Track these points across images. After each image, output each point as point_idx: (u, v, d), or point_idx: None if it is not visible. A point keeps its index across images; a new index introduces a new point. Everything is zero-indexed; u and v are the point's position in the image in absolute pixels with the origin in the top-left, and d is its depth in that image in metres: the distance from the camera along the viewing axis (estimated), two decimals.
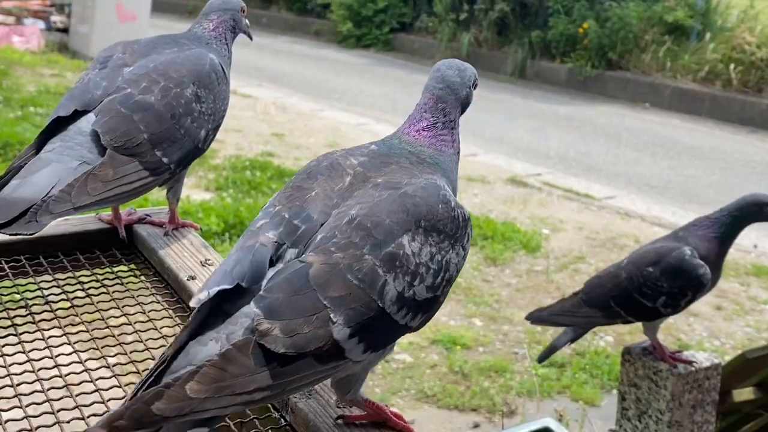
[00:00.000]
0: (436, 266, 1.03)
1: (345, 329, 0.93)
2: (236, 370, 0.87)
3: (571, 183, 6.84)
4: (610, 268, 2.45)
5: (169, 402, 0.82)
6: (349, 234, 0.98)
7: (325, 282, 0.94)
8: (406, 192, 1.04)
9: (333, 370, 0.96)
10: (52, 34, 10.97)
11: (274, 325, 0.90)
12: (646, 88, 10.95)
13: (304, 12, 16.33)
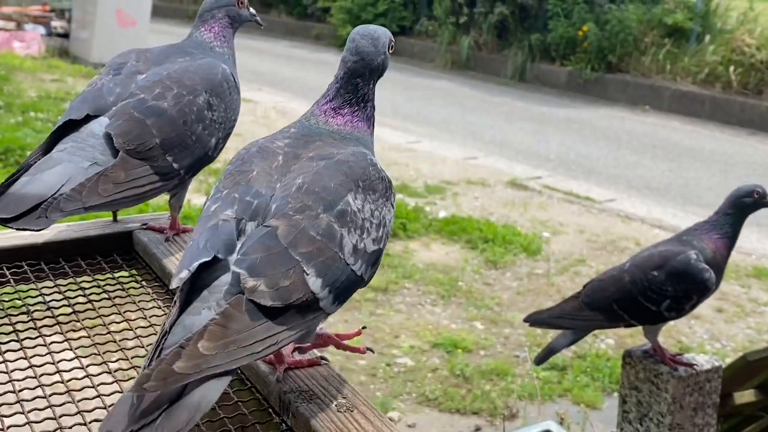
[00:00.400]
0: (376, 221, 1.13)
1: (318, 280, 1.02)
2: (236, 326, 0.95)
3: (572, 186, 6.85)
4: (612, 271, 2.42)
5: (187, 360, 0.90)
6: (301, 199, 1.07)
7: (294, 240, 1.03)
8: (339, 159, 1.14)
9: (312, 322, 1.05)
10: (52, 40, 10.99)
11: (259, 281, 0.98)
12: (645, 90, 10.96)
13: (304, 16, 16.35)
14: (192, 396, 0.91)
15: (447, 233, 5.35)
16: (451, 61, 13.06)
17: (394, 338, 4.01)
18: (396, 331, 4.08)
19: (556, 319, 2.44)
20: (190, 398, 0.90)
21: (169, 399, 0.90)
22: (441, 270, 4.81)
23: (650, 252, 2.36)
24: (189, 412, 0.90)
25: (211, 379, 0.92)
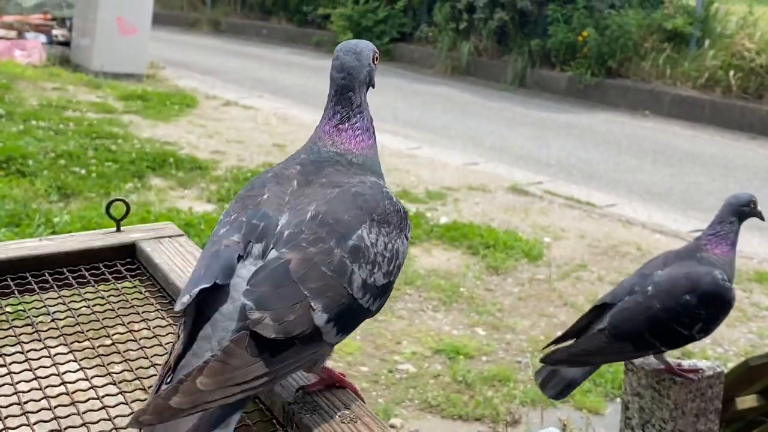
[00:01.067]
0: (389, 254, 1.15)
1: (323, 315, 1.03)
2: (236, 362, 0.96)
3: (572, 191, 6.85)
4: (636, 299, 2.26)
5: (183, 395, 0.92)
6: (315, 230, 1.08)
7: (304, 275, 1.04)
8: (356, 191, 1.15)
9: (314, 354, 1.07)
10: (53, 48, 11.01)
11: (265, 314, 0.99)
12: (646, 95, 10.98)
13: (304, 23, 16.38)
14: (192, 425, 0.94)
15: (448, 239, 5.36)
16: (451, 67, 13.08)
17: (395, 344, 4.02)
18: (398, 337, 4.09)
19: (582, 357, 2.30)
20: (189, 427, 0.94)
21: None
22: (442, 276, 4.81)
23: (673, 275, 2.25)
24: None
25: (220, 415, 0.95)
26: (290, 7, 16.70)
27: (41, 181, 5.50)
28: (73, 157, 6.13)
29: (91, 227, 4.56)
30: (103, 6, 10.16)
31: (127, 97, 9.06)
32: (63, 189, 5.46)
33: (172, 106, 8.86)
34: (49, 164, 5.89)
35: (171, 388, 0.92)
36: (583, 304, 4.57)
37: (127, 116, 8.16)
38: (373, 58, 1.29)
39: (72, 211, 5.03)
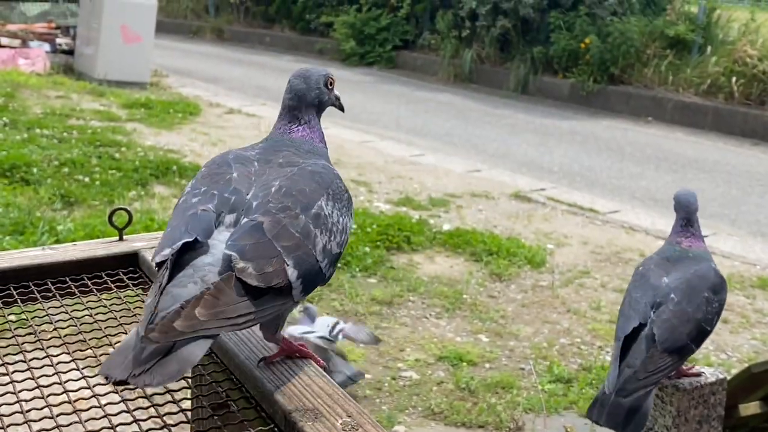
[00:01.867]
0: (341, 227, 1.28)
1: (294, 271, 1.16)
2: (226, 299, 1.08)
3: (575, 197, 6.86)
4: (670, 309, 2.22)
5: (185, 320, 1.04)
6: (281, 200, 1.21)
7: (277, 234, 1.17)
8: (312, 170, 1.29)
9: (282, 307, 1.19)
10: (57, 56, 11.05)
11: (248, 264, 1.11)
12: (648, 102, 10.99)
13: (307, 31, 16.42)
14: (182, 351, 1.04)
15: (451, 246, 5.36)
16: (453, 75, 13.10)
17: (399, 351, 4.02)
18: (401, 344, 4.09)
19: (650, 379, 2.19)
20: (180, 353, 1.04)
21: (161, 353, 1.03)
22: (445, 283, 4.81)
23: (686, 278, 2.22)
24: (179, 364, 1.03)
25: (198, 340, 1.05)
26: (293, 16, 16.74)
27: (45, 189, 5.51)
28: (76, 165, 6.14)
29: (94, 235, 4.57)
30: (107, 14, 10.19)
31: (131, 105, 9.08)
32: (66, 197, 5.47)
33: (176, 114, 8.88)
34: (52, 172, 5.91)
35: (175, 312, 1.05)
36: (586, 310, 4.57)
37: (131, 124, 8.18)
38: (327, 83, 1.42)
39: (75, 219, 5.04)
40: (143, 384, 1.01)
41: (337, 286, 4.58)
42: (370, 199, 6.32)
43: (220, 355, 1.27)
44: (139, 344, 1.03)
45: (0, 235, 4.59)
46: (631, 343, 2.23)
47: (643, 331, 2.22)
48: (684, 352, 2.22)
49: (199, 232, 1.16)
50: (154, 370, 1.01)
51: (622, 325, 2.27)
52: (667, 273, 2.28)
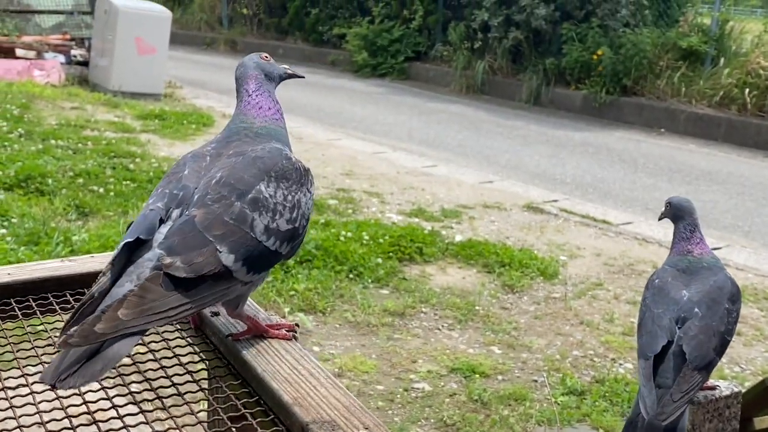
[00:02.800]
0: (290, 204, 1.36)
1: (230, 256, 1.24)
2: (152, 296, 1.16)
3: (588, 209, 6.85)
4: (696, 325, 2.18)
5: (106, 323, 1.11)
6: (219, 190, 1.30)
7: (208, 225, 1.25)
8: (256, 156, 1.38)
9: (227, 290, 1.27)
10: (72, 68, 11.12)
11: (176, 259, 1.20)
12: (661, 113, 10.97)
13: (320, 43, 16.49)
14: (107, 351, 1.11)
15: (463, 257, 5.36)
16: (466, 86, 13.13)
17: (411, 363, 4.02)
18: (413, 355, 4.09)
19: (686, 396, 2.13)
20: (105, 353, 1.10)
21: (89, 355, 1.10)
22: (458, 294, 4.81)
23: (706, 290, 2.20)
24: (103, 363, 1.10)
25: (125, 338, 1.12)
26: (306, 28, 16.82)
27: (60, 200, 5.54)
28: (91, 176, 6.18)
29: (109, 246, 4.60)
30: (122, 26, 10.26)
31: (145, 117, 9.13)
32: (81, 208, 5.50)
33: (189, 125, 8.93)
34: (67, 183, 5.94)
35: (96, 317, 1.12)
36: (599, 323, 4.56)
37: (145, 135, 8.23)
38: (261, 57, 1.60)
39: (90, 230, 5.07)
40: (68, 387, 1.07)
41: (349, 297, 4.59)
42: (383, 210, 6.33)
43: (237, 367, 1.28)
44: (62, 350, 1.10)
45: (15, 245, 4.62)
46: (657, 362, 2.18)
47: (670, 349, 2.17)
48: (711, 367, 2.19)
49: (142, 231, 1.25)
50: (79, 372, 1.08)
51: (649, 342, 2.22)
52: (686, 285, 2.25)
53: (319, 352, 3.99)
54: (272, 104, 1.53)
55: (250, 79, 1.54)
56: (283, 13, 17.67)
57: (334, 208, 6.17)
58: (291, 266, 4.77)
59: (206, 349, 1.35)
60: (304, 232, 1.41)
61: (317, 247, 4.99)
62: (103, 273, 1.24)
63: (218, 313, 1.41)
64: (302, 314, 4.32)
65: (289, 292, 4.52)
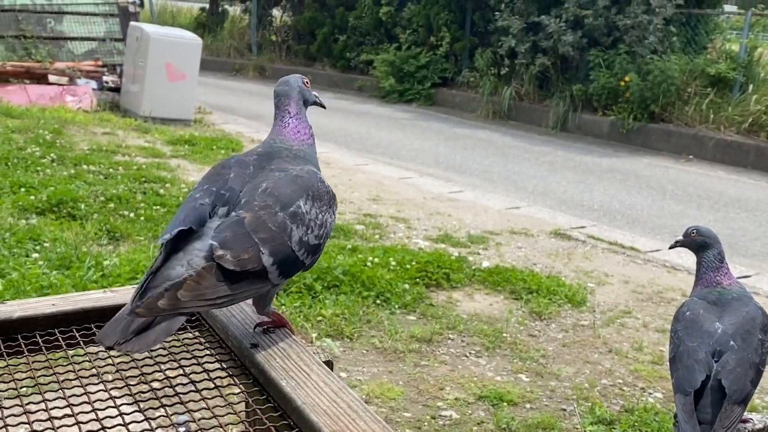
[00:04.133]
0: (319, 222, 1.52)
1: (269, 258, 1.40)
2: (206, 283, 1.32)
3: (616, 236, 6.82)
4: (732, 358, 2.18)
5: (167, 300, 1.27)
6: (264, 199, 1.45)
7: (255, 228, 1.40)
8: (296, 174, 1.53)
9: (261, 288, 1.43)
10: (103, 94, 11.27)
11: (226, 252, 1.35)
12: (689, 140, 10.92)
13: (347, 69, 16.61)
14: (161, 325, 1.27)
15: (491, 283, 5.35)
16: (492, 112, 13.15)
17: (438, 390, 4.01)
18: (441, 382, 4.08)
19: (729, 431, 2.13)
20: (158, 327, 1.27)
21: (145, 326, 1.26)
22: (485, 321, 4.81)
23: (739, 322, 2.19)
24: (156, 335, 1.26)
25: (174, 318, 1.29)
26: (334, 54, 16.97)
27: (91, 225, 5.61)
28: (122, 200, 6.25)
29: (139, 270, 4.65)
30: (153, 53, 10.40)
31: (175, 142, 9.23)
32: (112, 232, 5.56)
33: (219, 150, 9.01)
34: (98, 208, 6.02)
35: (159, 293, 1.29)
36: (628, 351, 4.54)
37: (175, 160, 8.32)
38: (304, 82, 1.78)
39: (121, 254, 5.13)
40: (125, 351, 1.24)
41: (376, 323, 4.60)
42: (409, 236, 6.35)
43: (277, 399, 1.30)
44: (126, 318, 1.26)
45: (47, 269, 4.68)
46: (695, 396, 2.16)
47: (708, 383, 2.16)
48: (748, 399, 2.17)
49: (193, 221, 1.40)
50: (135, 340, 1.24)
51: (687, 377, 2.19)
52: (719, 317, 2.24)
53: (346, 378, 3.99)
54: (308, 129, 1.72)
55: (292, 102, 1.71)
56: (311, 40, 17.84)
57: (361, 234, 6.20)
58: (318, 291, 4.79)
59: (245, 381, 1.37)
60: (323, 248, 1.58)
61: (344, 273, 5.01)
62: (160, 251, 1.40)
63: (257, 344, 1.44)
64: (329, 340, 4.34)
65: (317, 317, 4.54)
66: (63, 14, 12.11)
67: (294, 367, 1.35)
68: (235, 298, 1.37)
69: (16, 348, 1.42)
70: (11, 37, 11.51)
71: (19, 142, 7.92)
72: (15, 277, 4.39)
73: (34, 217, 5.66)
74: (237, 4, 20.79)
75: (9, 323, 1.45)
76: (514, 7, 12.89)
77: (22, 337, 1.44)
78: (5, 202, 5.83)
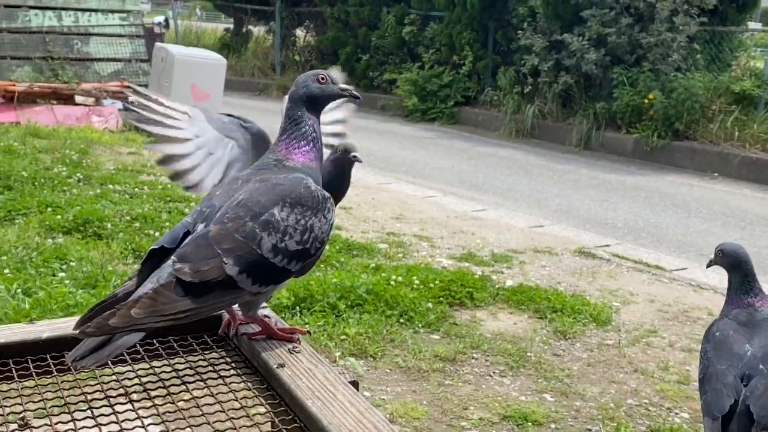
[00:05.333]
0: (301, 228, 1.48)
1: (234, 267, 1.40)
2: (163, 299, 1.34)
3: (641, 254, 6.78)
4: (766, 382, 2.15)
5: (119, 319, 1.30)
6: (236, 211, 1.46)
7: (219, 239, 1.41)
8: (276, 182, 1.52)
9: (235, 299, 1.44)
10: None
11: (185, 265, 1.37)
12: (714, 157, 10.85)
13: (370, 88, 16.68)
14: (116, 341, 1.31)
15: (514, 302, 5.34)
16: (515, 130, 13.15)
17: (462, 410, 4.00)
18: (465, 402, 4.07)
19: None
20: (114, 342, 1.31)
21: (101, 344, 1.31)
22: (509, 340, 4.79)
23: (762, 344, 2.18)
24: (110, 349, 1.31)
25: (133, 333, 1.32)
26: (357, 73, 17.05)
27: (117, 244, 5.66)
28: (147, 219, 6.30)
29: None
30: (178, 73, 10.51)
31: None
32: (138, 251, 5.60)
33: None
34: (124, 227, 6.07)
35: (110, 313, 1.31)
36: (654, 370, 4.50)
37: None
38: (317, 79, 1.63)
39: None
40: (80, 367, 1.30)
41: (400, 342, 4.59)
42: (433, 254, 6.35)
43: (303, 419, 1.30)
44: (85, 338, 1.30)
45: (74, 288, 4.72)
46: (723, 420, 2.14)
47: (737, 408, 2.13)
48: None
49: (167, 240, 1.44)
50: (90, 356, 1.29)
51: (715, 401, 2.16)
52: (748, 339, 2.20)
53: (370, 397, 3.99)
54: (302, 140, 1.59)
55: (295, 106, 1.60)
56: (334, 60, 17.94)
57: (384, 252, 6.20)
58: (342, 310, 4.80)
59: (272, 401, 1.38)
60: (318, 253, 1.54)
61: (368, 292, 5.01)
62: (130, 277, 1.44)
63: (284, 364, 1.44)
64: (353, 359, 4.34)
65: (340, 336, 4.54)
66: (90, 35, 12.27)
67: (320, 387, 1.35)
68: (201, 311, 1.38)
69: (45, 368, 1.43)
70: (39, 59, 11.69)
71: (47, 162, 8.02)
72: (42, 296, 4.44)
73: (61, 236, 5.72)
74: (261, 25, 20.98)
75: (38, 344, 1.47)
76: (536, 26, 12.90)
77: (51, 357, 1.46)
78: (32, 222, 5.90)
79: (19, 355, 1.45)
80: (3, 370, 1.41)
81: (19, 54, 11.69)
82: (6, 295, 4.41)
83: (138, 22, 12.72)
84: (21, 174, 7.20)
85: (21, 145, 8.67)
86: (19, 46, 11.72)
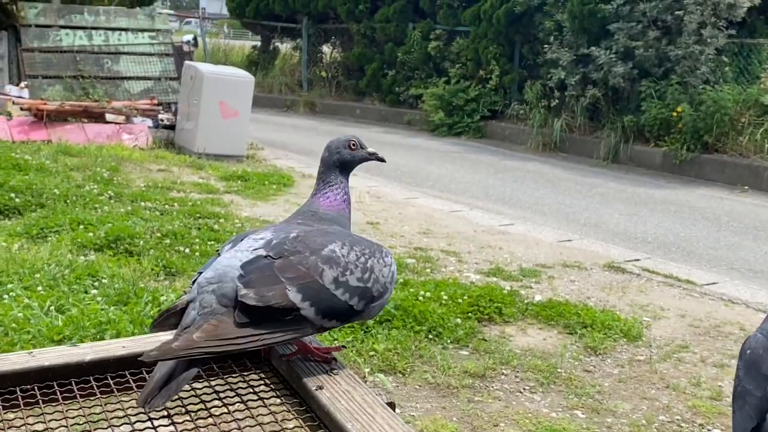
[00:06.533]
0: (361, 265, 1.52)
1: (298, 295, 1.42)
2: (224, 326, 1.38)
3: (671, 269, 6.73)
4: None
5: (182, 343, 1.34)
6: (295, 244, 1.50)
7: (283, 268, 1.46)
8: (326, 230, 1.59)
9: (298, 330, 1.45)
10: (159, 131, 11.52)
11: (250, 291, 1.40)
12: (744, 170, 10.77)
13: (396, 103, 16.75)
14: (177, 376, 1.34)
15: (544, 318, 5.32)
16: (542, 144, 13.13)
17: (493, 427, 3.99)
18: (495, 419, 4.06)
19: None
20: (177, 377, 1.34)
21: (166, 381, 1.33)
22: (539, 356, 4.77)
23: None
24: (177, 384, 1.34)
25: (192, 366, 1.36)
26: (383, 89, 17.13)
27: (148, 261, 5.71)
28: (177, 236, 6.35)
29: None
30: (207, 91, 10.61)
31: (228, 178, 9.38)
32: (168, 267, 5.65)
33: (271, 185, 9.13)
34: (155, 244, 6.12)
35: (174, 337, 1.37)
36: (686, 386, 4.47)
37: (228, 196, 8.45)
38: (348, 146, 1.79)
39: (177, 290, 5.21)
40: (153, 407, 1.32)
41: (428, 358, 4.59)
42: (460, 270, 6.35)
43: None
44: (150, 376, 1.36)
45: (106, 305, 4.77)
46: None
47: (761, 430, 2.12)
48: None
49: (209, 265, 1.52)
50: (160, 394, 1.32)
51: (742, 424, 2.16)
52: None
53: (399, 413, 3.99)
54: (339, 196, 1.72)
55: (328, 170, 1.75)
56: (360, 76, 18.04)
57: (412, 267, 6.21)
58: (370, 326, 4.81)
59: (311, 423, 1.39)
60: (381, 297, 1.56)
61: (396, 307, 5.02)
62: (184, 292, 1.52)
63: (322, 386, 1.46)
64: (382, 375, 4.34)
65: (369, 352, 4.55)
66: (120, 54, 12.45)
67: (359, 410, 1.36)
68: (260, 341, 1.40)
69: (89, 390, 1.46)
70: (69, 77, 11.87)
71: (78, 180, 8.12)
72: (74, 313, 4.49)
73: (93, 253, 5.78)
74: (288, 42, 21.14)
75: (82, 366, 1.50)
76: (563, 40, 12.90)
77: (95, 379, 1.49)
78: (64, 239, 5.97)
79: (62, 378, 1.48)
80: (48, 393, 1.44)
81: (50, 73, 11.89)
82: (39, 312, 4.47)
83: (167, 41, 12.88)
84: (53, 192, 7.30)
85: (53, 163, 8.79)
86: (50, 66, 11.92)
